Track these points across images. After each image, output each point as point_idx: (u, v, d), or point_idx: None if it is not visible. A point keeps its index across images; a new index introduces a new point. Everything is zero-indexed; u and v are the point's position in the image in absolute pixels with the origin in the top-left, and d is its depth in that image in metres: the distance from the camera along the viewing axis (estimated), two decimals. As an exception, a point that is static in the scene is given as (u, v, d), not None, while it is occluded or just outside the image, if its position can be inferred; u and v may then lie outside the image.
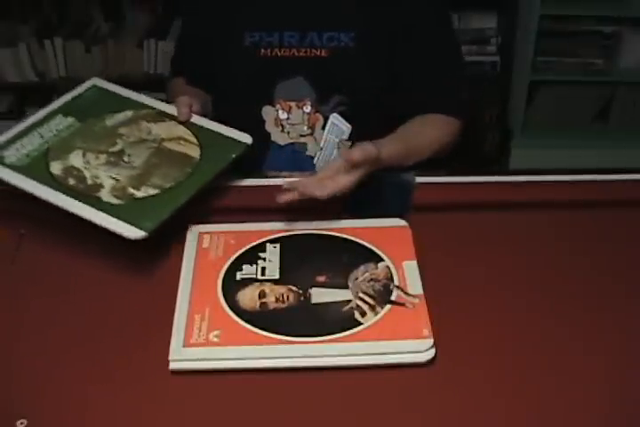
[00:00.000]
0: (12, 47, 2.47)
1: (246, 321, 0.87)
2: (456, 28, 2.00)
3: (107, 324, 0.90)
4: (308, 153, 1.30)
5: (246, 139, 1.13)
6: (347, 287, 0.92)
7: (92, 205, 0.97)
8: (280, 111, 1.27)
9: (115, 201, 0.99)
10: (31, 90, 2.62)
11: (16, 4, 2.53)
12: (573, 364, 0.85)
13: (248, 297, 0.91)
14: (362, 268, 0.95)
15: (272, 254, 0.98)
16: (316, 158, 1.30)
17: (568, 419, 0.79)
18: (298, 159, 1.29)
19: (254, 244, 1.00)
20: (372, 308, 0.89)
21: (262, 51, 1.24)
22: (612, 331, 0.89)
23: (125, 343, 0.87)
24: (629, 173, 1.16)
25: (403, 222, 1.03)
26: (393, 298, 0.90)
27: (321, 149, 1.29)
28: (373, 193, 1.08)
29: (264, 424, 0.78)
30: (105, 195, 1.00)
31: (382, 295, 0.91)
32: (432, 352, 0.84)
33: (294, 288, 0.92)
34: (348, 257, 0.97)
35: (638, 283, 0.97)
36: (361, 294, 0.91)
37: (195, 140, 1.11)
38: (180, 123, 1.13)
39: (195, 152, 1.09)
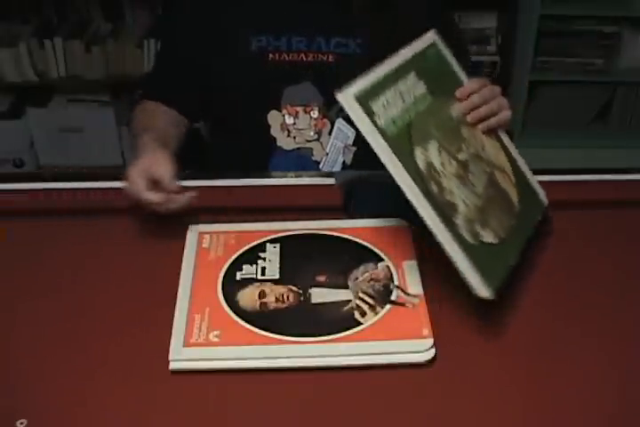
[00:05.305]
0: (11, 47, 2.47)
1: (246, 321, 0.87)
2: (456, 27, 2.01)
3: (106, 324, 0.90)
4: (313, 158, 1.29)
5: (544, 197, 1.04)
6: (347, 287, 0.92)
7: (451, 233, 0.83)
8: (287, 116, 1.26)
9: (468, 238, 0.84)
10: (31, 90, 2.62)
11: (16, 3, 2.53)
12: (575, 363, 0.85)
13: (248, 297, 0.91)
14: (362, 268, 0.95)
15: (272, 254, 0.98)
16: (321, 164, 1.29)
17: (569, 419, 0.79)
18: (303, 164, 1.28)
19: (254, 244, 1.00)
20: (372, 308, 0.89)
21: (270, 55, 1.23)
22: (612, 330, 0.89)
23: (125, 343, 0.87)
24: (629, 173, 1.16)
25: (403, 222, 1.03)
26: (393, 298, 0.90)
27: (326, 154, 1.29)
28: (373, 193, 1.08)
29: (264, 424, 0.78)
30: (460, 223, 0.85)
31: (382, 295, 0.91)
32: (432, 352, 0.84)
33: (294, 288, 0.92)
34: (348, 257, 0.97)
35: (638, 283, 0.97)
36: (361, 294, 0.91)
37: (513, 179, 0.98)
38: (502, 146, 1.00)
39: (514, 197, 0.96)
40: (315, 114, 1.26)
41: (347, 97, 0.82)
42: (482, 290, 0.82)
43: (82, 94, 2.66)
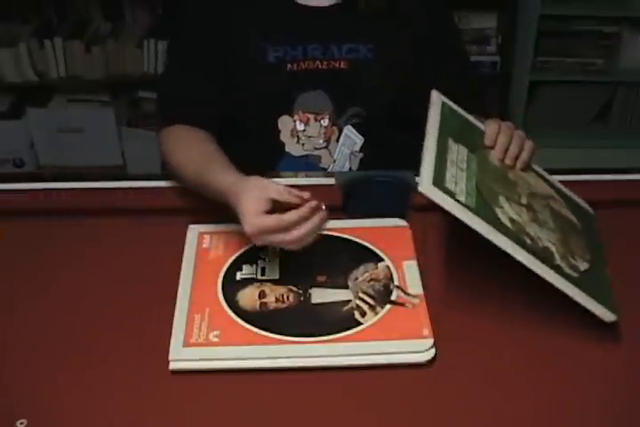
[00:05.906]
0: (11, 47, 2.47)
1: (246, 321, 0.87)
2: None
3: (107, 324, 0.90)
4: (321, 165, 1.28)
5: (587, 206, 1.07)
6: (347, 287, 0.92)
7: (563, 276, 0.85)
8: (298, 122, 1.25)
9: (572, 273, 0.87)
10: (31, 90, 2.62)
11: (16, 3, 2.53)
12: (575, 364, 0.85)
13: (248, 297, 0.91)
14: (362, 268, 0.95)
15: (272, 254, 0.98)
16: (329, 170, 1.29)
17: (569, 419, 0.79)
18: (310, 171, 1.27)
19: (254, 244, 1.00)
20: (372, 308, 0.89)
21: (289, 65, 1.21)
22: (611, 330, 0.89)
23: (125, 343, 0.87)
24: (629, 173, 1.16)
25: (403, 222, 1.03)
26: (393, 298, 0.90)
27: (334, 161, 1.28)
28: (373, 193, 1.08)
29: (264, 424, 0.78)
30: (561, 263, 0.87)
31: (382, 295, 0.91)
32: (432, 352, 0.84)
33: (294, 288, 0.92)
34: (347, 257, 0.97)
35: (638, 283, 0.97)
36: (361, 294, 0.91)
37: (563, 201, 1.01)
38: (537, 174, 1.02)
39: (573, 218, 0.99)
40: (325, 122, 1.25)
41: (427, 187, 0.84)
42: (607, 315, 0.86)
43: (82, 94, 2.66)
